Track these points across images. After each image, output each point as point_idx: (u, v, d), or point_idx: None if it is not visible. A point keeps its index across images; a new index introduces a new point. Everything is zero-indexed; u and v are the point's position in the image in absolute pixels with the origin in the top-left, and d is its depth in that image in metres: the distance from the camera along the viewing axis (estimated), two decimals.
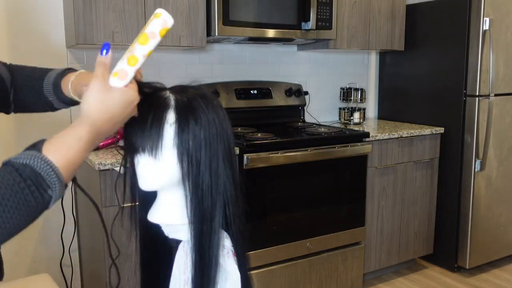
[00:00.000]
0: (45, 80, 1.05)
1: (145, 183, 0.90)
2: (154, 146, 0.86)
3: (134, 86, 0.83)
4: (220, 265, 0.90)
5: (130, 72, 0.81)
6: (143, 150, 0.87)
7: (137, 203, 1.00)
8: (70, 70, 1.05)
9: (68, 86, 0.99)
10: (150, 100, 0.89)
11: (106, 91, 0.78)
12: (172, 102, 0.88)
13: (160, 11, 0.83)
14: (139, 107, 0.88)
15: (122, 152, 1.23)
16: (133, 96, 0.81)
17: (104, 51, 0.80)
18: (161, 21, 0.81)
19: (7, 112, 1.11)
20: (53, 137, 0.74)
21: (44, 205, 0.70)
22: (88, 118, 0.76)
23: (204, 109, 0.88)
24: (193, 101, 0.88)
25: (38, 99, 1.07)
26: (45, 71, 1.07)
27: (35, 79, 1.07)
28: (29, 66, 1.12)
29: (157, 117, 0.86)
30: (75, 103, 1.02)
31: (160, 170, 0.88)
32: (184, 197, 0.89)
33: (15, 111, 1.12)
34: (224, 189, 0.90)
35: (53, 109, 1.09)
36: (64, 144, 0.73)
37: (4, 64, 1.10)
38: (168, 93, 0.90)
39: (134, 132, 0.88)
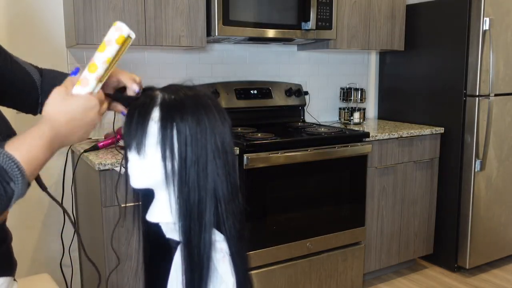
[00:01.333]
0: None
1: (133, 181, 0.91)
2: (139, 143, 0.86)
3: (99, 95, 0.88)
4: (214, 268, 0.89)
5: (91, 79, 0.86)
6: (129, 148, 0.88)
7: (138, 203, 1.00)
8: None
9: None
10: (138, 99, 0.90)
11: (67, 96, 0.83)
12: (159, 100, 0.88)
13: (117, 21, 0.89)
14: (128, 106, 0.89)
15: (122, 152, 1.23)
16: (94, 102, 0.86)
17: (73, 71, 0.90)
18: (115, 29, 0.86)
19: (35, 113, 1.18)
20: (16, 136, 0.79)
21: (6, 200, 0.72)
22: (48, 119, 0.81)
23: (192, 106, 0.87)
24: (182, 99, 0.88)
25: None
26: (66, 75, 1.14)
27: (63, 77, 1.12)
28: (57, 70, 1.19)
29: (142, 114, 0.86)
30: None
31: (146, 168, 0.88)
32: (169, 194, 0.89)
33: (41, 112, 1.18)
34: (214, 186, 0.89)
35: None
36: (26, 142, 0.76)
37: (36, 67, 1.17)
38: (157, 92, 0.90)
39: (123, 130, 0.89)
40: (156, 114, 0.87)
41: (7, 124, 1.00)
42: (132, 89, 0.96)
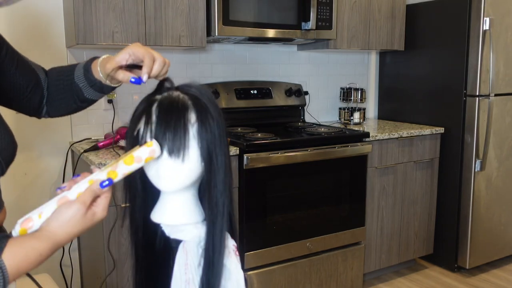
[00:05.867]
0: (76, 68, 1.10)
1: (170, 185, 0.89)
2: (181, 147, 0.86)
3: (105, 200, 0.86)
4: (224, 264, 0.91)
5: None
6: (170, 152, 0.87)
7: (136, 203, 0.99)
8: (97, 56, 1.10)
9: (98, 65, 1.05)
10: (165, 101, 0.88)
11: (81, 219, 0.82)
12: (189, 102, 0.88)
13: (153, 141, 0.86)
14: (156, 110, 0.88)
15: (120, 152, 1.22)
16: (101, 217, 0.86)
17: (106, 184, 0.85)
18: (150, 151, 0.85)
19: (39, 116, 1.17)
20: (17, 242, 0.78)
21: None
22: (55, 237, 0.80)
23: (212, 106, 0.90)
24: (203, 99, 0.89)
25: (68, 91, 1.12)
26: (74, 64, 1.13)
27: (66, 71, 1.12)
28: (59, 69, 1.17)
29: (179, 119, 0.86)
30: (103, 87, 1.08)
31: (187, 171, 0.88)
32: (195, 196, 0.91)
33: (47, 115, 1.17)
34: (229, 186, 0.92)
35: (82, 101, 1.13)
36: (24, 256, 0.77)
37: (41, 67, 1.16)
38: (180, 93, 0.90)
39: (156, 133, 0.87)
40: (192, 115, 0.87)
41: (10, 135, 0.97)
42: (144, 74, 0.96)
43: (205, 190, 0.90)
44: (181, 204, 0.92)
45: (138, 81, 0.97)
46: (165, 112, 0.87)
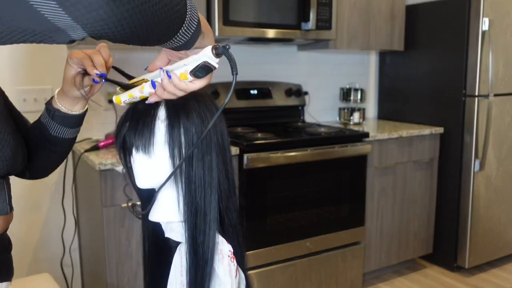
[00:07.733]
0: (43, 111, 1.06)
1: (141, 181, 0.91)
2: (146, 143, 0.87)
3: None
4: (214, 269, 0.89)
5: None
6: (137, 149, 0.88)
7: (138, 203, 1.00)
8: None
9: (55, 93, 1.01)
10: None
11: None
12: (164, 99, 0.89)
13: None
14: (130, 106, 0.89)
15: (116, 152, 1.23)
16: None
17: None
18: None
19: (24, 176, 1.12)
20: None
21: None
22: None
23: (195, 105, 0.89)
24: (185, 98, 0.89)
25: (39, 135, 1.06)
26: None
27: (36, 120, 1.07)
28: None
29: (148, 114, 0.87)
30: (65, 118, 1.01)
31: (154, 167, 0.88)
32: (177, 192, 0.89)
33: (30, 175, 1.12)
34: (218, 183, 0.90)
35: (51, 143, 1.06)
36: None
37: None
38: None
39: (127, 131, 0.88)
40: (162, 113, 0.87)
41: (12, 148, 0.97)
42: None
43: (180, 186, 0.88)
44: (172, 201, 0.92)
45: (95, 80, 0.94)
46: (137, 109, 0.89)
